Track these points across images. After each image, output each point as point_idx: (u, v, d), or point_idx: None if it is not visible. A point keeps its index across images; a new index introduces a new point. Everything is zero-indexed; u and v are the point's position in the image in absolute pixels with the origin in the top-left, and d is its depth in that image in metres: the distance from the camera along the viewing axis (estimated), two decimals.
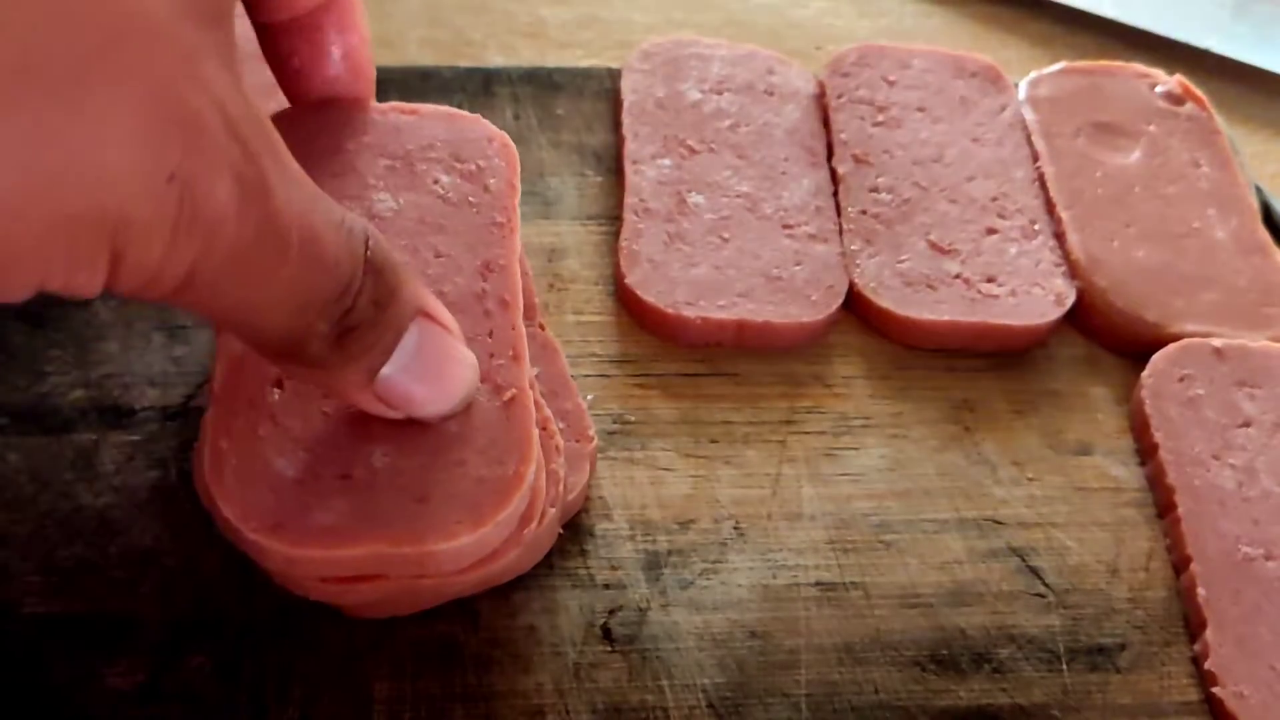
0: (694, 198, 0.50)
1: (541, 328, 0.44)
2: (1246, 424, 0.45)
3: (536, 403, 0.39)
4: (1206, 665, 0.39)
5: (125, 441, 0.42)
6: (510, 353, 0.38)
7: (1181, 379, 0.46)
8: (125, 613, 0.38)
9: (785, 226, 0.50)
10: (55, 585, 0.38)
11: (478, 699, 0.37)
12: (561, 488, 0.38)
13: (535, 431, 0.36)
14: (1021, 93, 0.56)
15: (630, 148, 0.52)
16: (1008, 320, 0.47)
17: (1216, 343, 0.47)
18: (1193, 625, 0.40)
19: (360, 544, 0.34)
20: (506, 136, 0.42)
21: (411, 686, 0.37)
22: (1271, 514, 0.42)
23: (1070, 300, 0.48)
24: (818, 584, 0.41)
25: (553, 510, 0.37)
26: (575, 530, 0.41)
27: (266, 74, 0.40)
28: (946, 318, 0.47)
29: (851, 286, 0.48)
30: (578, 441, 0.41)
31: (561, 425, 0.40)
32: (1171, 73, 0.58)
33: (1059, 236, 0.50)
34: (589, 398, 0.44)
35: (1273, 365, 0.46)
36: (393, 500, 0.34)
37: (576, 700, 0.37)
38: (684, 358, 0.47)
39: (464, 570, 0.35)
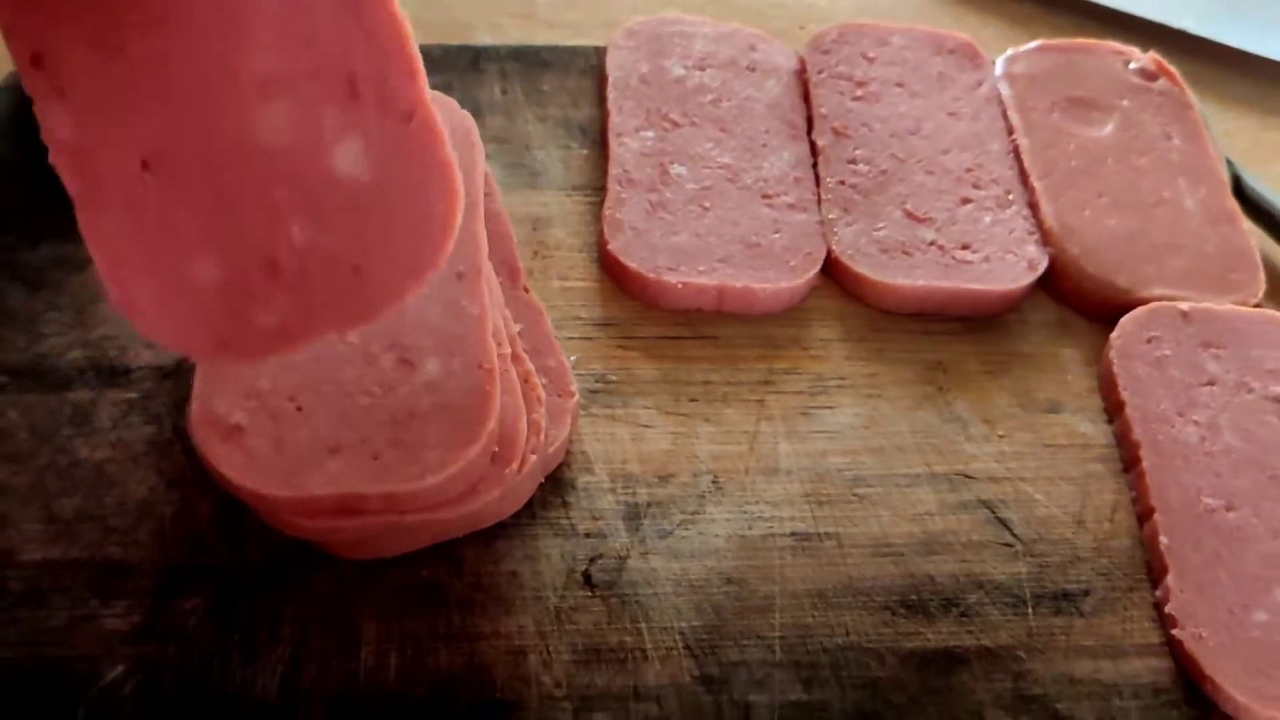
0: (676, 169, 0.52)
1: (526, 290, 0.45)
2: (1210, 382, 0.46)
3: (518, 356, 0.40)
4: (1167, 609, 0.40)
5: (122, 399, 0.43)
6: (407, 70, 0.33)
7: (1149, 340, 0.47)
8: (121, 559, 0.39)
9: (765, 196, 0.51)
10: (55, 533, 0.39)
11: (462, 639, 0.38)
12: (543, 436, 0.39)
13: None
14: (998, 69, 0.57)
15: (614, 121, 0.53)
16: (981, 285, 0.49)
17: (1183, 306, 0.48)
18: (1155, 572, 0.42)
19: (310, 336, 0.32)
20: None
21: (398, 626, 0.38)
22: (1232, 467, 0.43)
23: (1042, 266, 0.50)
24: (793, 534, 0.42)
25: (534, 457, 0.39)
26: (557, 483, 0.42)
27: None
28: (921, 283, 0.48)
29: (829, 253, 0.50)
30: (560, 397, 0.42)
31: (544, 381, 0.42)
32: (1147, 51, 0.59)
33: (1032, 206, 0.52)
34: (572, 358, 0.46)
35: (1237, 327, 0.47)
36: (328, 279, 0.32)
37: (557, 641, 0.39)
38: (665, 321, 0.48)
39: (446, 504, 0.36)
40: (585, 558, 0.41)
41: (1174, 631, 0.40)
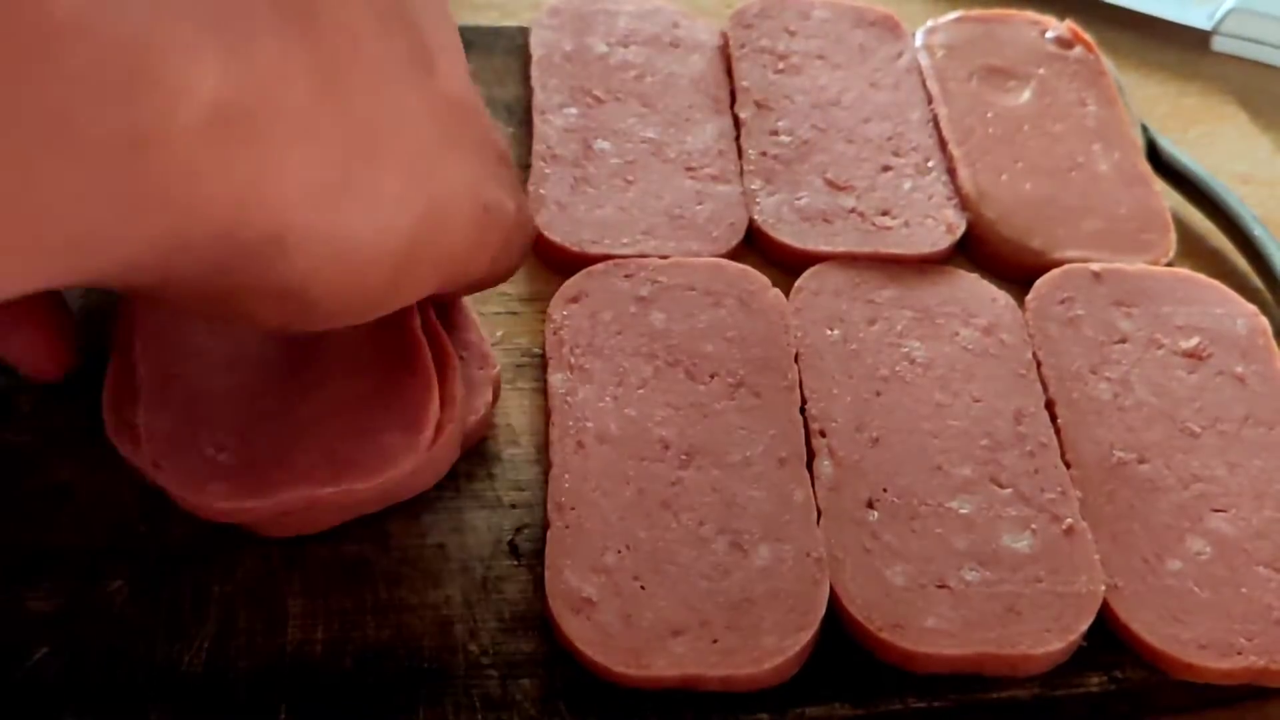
0: (600, 144, 0.52)
1: None
2: (1123, 340, 0.47)
3: (438, 331, 0.40)
4: None
5: (42, 385, 0.43)
6: (1059, 488, 0.42)
7: (1063, 301, 0.48)
8: (43, 542, 0.39)
9: (688, 169, 0.52)
10: None
11: (388, 611, 0.39)
12: (457, 409, 0.39)
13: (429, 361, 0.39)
14: (918, 40, 0.58)
15: (538, 99, 0.54)
16: (900, 250, 0.49)
17: (1095, 267, 0.49)
18: None
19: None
20: None
21: (325, 602, 0.39)
22: (1144, 421, 0.45)
23: (960, 230, 0.50)
24: None
25: (451, 426, 0.39)
26: (483, 456, 0.43)
27: None
28: (842, 249, 0.49)
29: (751, 223, 0.50)
30: (480, 369, 0.43)
31: (464, 354, 0.42)
32: (1064, 20, 0.60)
33: (951, 172, 0.53)
34: (499, 334, 0.46)
35: (1148, 286, 0.49)
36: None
37: (484, 610, 0.39)
38: None
39: (361, 476, 0.37)
40: (511, 528, 0.41)
41: None
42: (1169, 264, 0.50)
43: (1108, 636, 0.40)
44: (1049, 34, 0.59)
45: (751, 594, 0.39)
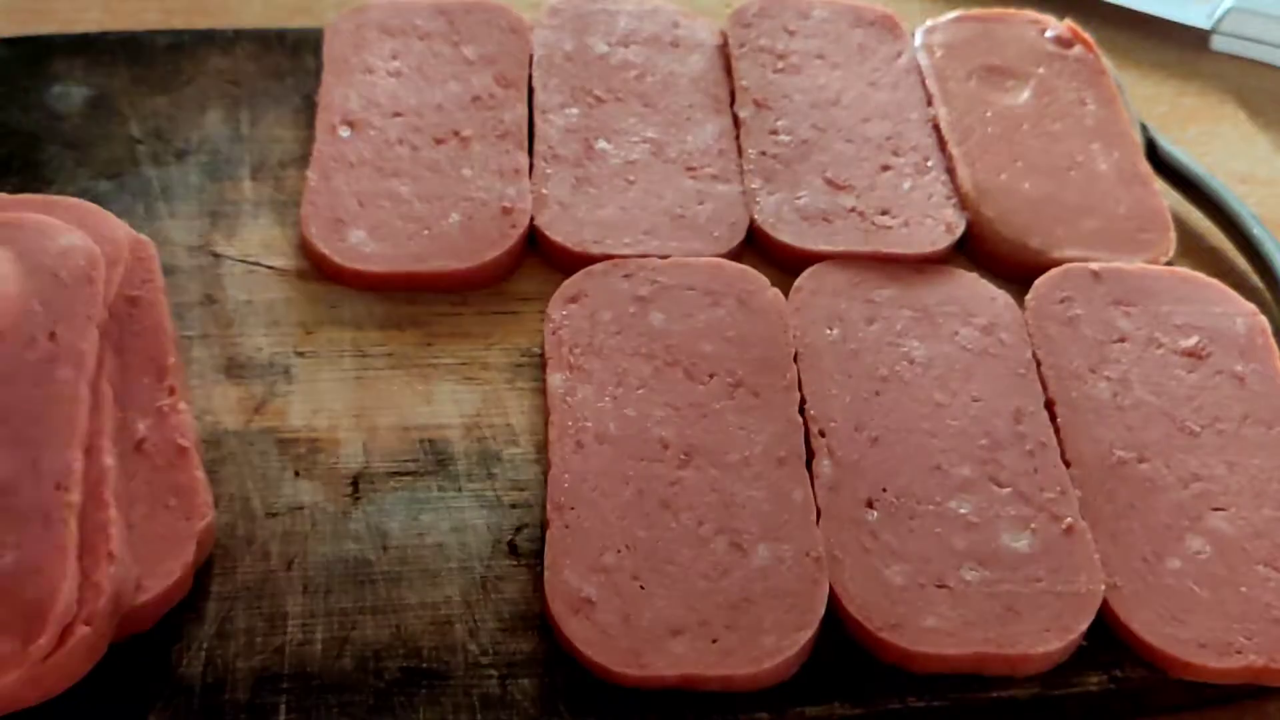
0: (601, 144, 0.52)
1: (172, 392, 0.40)
2: (1122, 339, 0.47)
3: (103, 501, 0.36)
4: None
5: None
6: (1058, 488, 0.42)
7: (1062, 300, 0.48)
8: None
9: (689, 169, 0.52)
10: None
11: (388, 611, 0.39)
12: (105, 603, 0.35)
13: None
14: (917, 40, 0.58)
15: (540, 98, 0.54)
16: (900, 249, 0.49)
17: (1094, 266, 0.49)
18: None
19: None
20: None
21: (324, 601, 0.39)
22: (1143, 420, 0.45)
23: (960, 229, 0.50)
24: None
25: (86, 629, 0.34)
26: (483, 455, 0.43)
27: None
28: (842, 248, 0.49)
29: (752, 222, 0.50)
30: (187, 519, 0.38)
31: (171, 502, 0.38)
32: (1063, 20, 0.60)
33: (950, 171, 0.53)
34: (496, 333, 0.46)
35: (1147, 285, 0.49)
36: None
37: (484, 610, 0.39)
38: None
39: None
40: (511, 527, 0.41)
41: None
42: (1168, 263, 0.50)
43: (1107, 636, 0.40)
44: (1048, 33, 0.59)
45: (751, 594, 0.39)
